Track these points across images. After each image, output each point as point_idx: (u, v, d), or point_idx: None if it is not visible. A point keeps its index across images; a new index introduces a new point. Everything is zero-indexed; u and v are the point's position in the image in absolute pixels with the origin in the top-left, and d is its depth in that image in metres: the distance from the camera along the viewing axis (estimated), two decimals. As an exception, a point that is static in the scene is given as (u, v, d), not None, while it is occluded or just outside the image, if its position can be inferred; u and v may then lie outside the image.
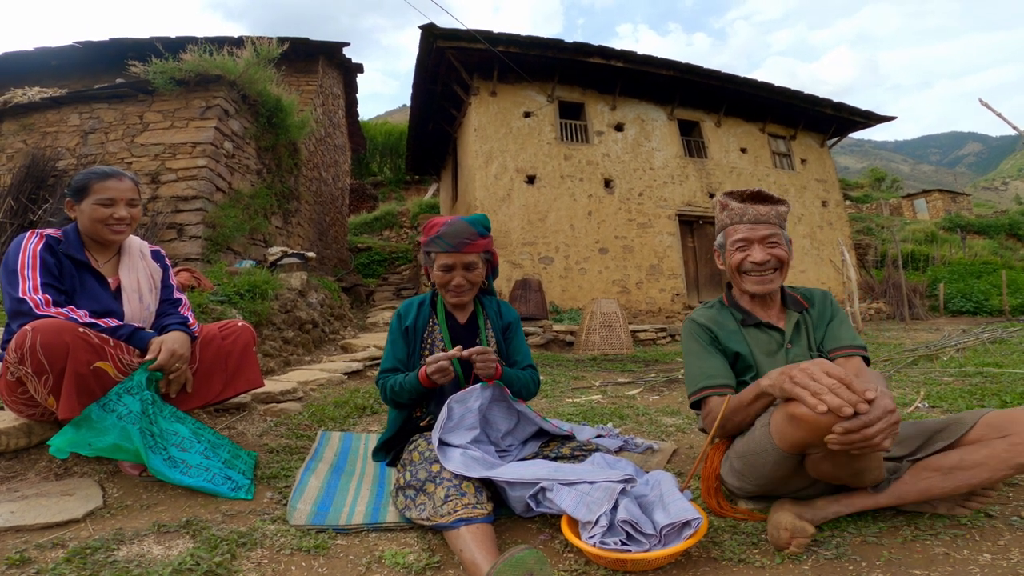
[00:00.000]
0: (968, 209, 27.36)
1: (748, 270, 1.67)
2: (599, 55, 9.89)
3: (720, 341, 1.70)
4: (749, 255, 1.65)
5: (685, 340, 1.77)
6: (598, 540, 1.31)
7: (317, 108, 9.75)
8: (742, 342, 1.70)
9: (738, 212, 1.67)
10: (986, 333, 6.10)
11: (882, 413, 1.11)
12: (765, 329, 1.72)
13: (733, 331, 1.72)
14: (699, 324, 1.74)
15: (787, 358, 1.66)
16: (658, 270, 10.49)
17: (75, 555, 1.29)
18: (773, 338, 1.72)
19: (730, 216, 1.69)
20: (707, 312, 1.79)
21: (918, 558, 1.31)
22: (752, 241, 1.65)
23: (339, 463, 2.10)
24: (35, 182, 5.66)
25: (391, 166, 22.87)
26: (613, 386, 4.20)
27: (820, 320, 1.74)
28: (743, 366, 1.69)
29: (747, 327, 1.73)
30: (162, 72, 5.84)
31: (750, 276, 1.67)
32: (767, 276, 1.66)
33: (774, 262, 1.65)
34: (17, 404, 1.76)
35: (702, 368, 1.67)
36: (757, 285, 1.67)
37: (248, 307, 4.31)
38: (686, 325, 1.78)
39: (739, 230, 1.66)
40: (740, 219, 1.67)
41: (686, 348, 1.76)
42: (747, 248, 1.66)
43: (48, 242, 1.81)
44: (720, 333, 1.71)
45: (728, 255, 1.72)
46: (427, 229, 1.90)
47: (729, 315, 1.76)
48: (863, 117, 13.03)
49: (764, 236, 1.64)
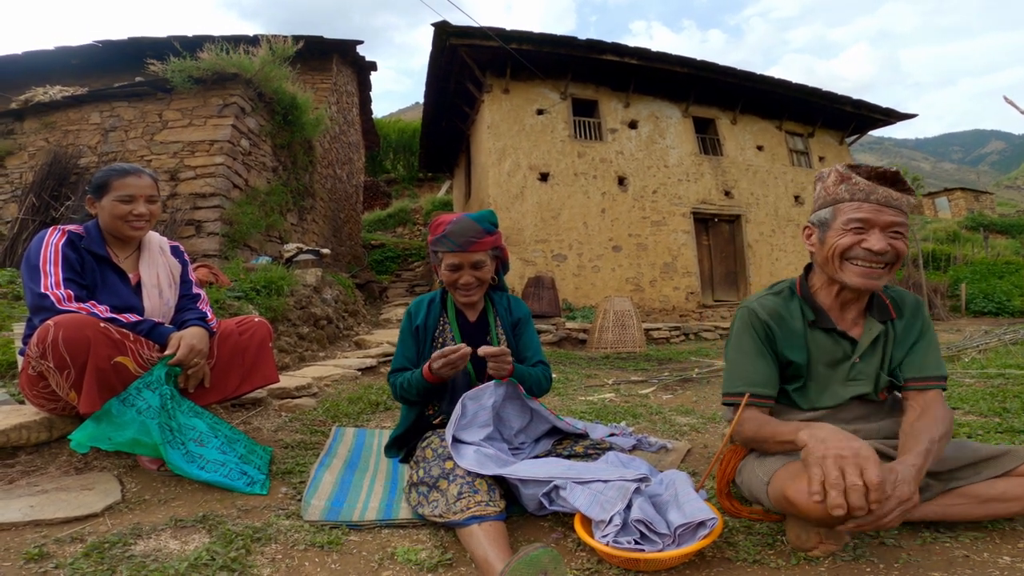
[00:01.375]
0: (991, 208, 26.83)
1: (857, 257, 1.39)
2: (612, 52, 9.82)
3: (777, 343, 1.50)
4: (865, 240, 1.37)
5: (738, 330, 1.54)
6: (611, 539, 1.30)
7: (331, 106, 9.81)
8: (802, 348, 1.49)
9: (863, 189, 1.37)
10: (1008, 334, 5.98)
11: (895, 505, 1.07)
12: (835, 336, 1.50)
13: (797, 333, 1.50)
14: (759, 319, 1.50)
15: (850, 373, 1.49)
16: (672, 268, 10.42)
17: (93, 549, 1.31)
18: (841, 347, 1.50)
19: (850, 190, 1.39)
20: (771, 302, 1.54)
21: (937, 560, 1.29)
22: (874, 225, 1.36)
23: (353, 459, 2.11)
24: (57, 179, 5.77)
25: (404, 163, 22.94)
26: (626, 384, 4.18)
27: (905, 337, 1.51)
28: (793, 374, 1.51)
29: (814, 329, 1.51)
30: (180, 71, 5.91)
31: (855, 266, 1.39)
32: (876, 270, 1.38)
33: (891, 255, 1.37)
34: (39, 398, 1.79)
35: (746, 369, 1.49)
36: (862, 278, 1.39)
37: (264, 303, 4.36)
38: (744, 312, 1.54)
39: (860, 208, 1.37)
40: (865, 197, 1.37)
41: (736, 339, 1.54)
42: (864, 232, 1.37)
43: (70, 238, 1.84)
44: (780, 333, 1.50)
45: (832, 235, 1.42)
46: (433, 228, 1.88)
47: (798, 309, 1.52)
48: (883, 114, 12.80)
49: (890, 223, 1.36)
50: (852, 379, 1.49)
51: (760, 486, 1.39)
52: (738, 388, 1.49)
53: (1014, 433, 2.27)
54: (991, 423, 2.45)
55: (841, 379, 1.50)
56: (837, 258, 1.42)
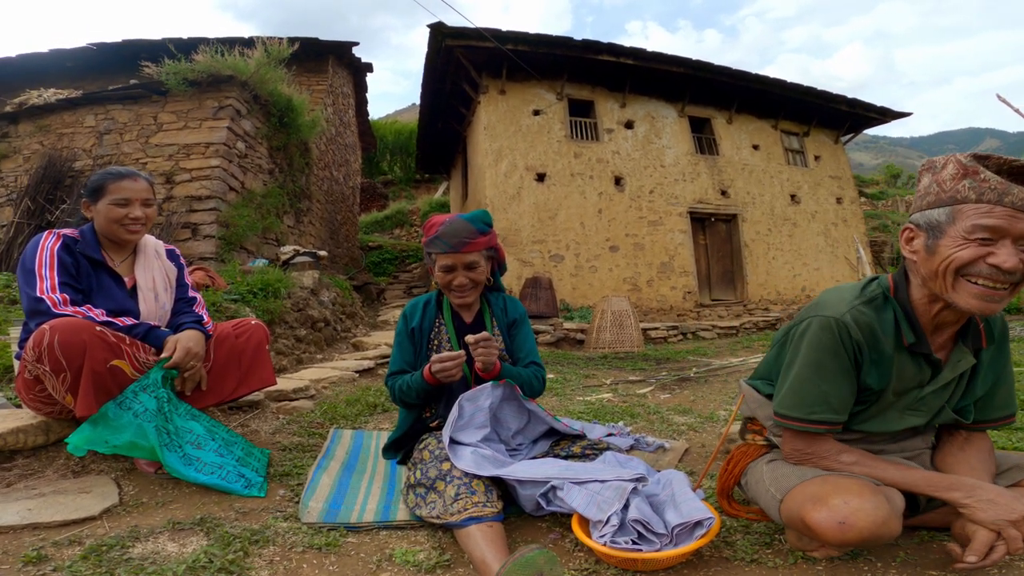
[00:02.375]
0: (985, 205, 26.84)
1: (979, 275, 1.10)
2: (608, 52, 9.83)
3: (862, 366, 1.25)
4: (993, 254, 1.07)
5: (820, 343, 1.24)
6: (609, 539, 1.30)
7: (327, 108, 9.79)
8: (887, 374, 1.25)
9: (995, 189, 1.07)
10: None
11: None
12: (922, 361, 1.26)
13: (886, 357, 1.24)
14: (852, 338, 1.22)
15: (914, 403, 1.30)
16: (669, 268, 10.43)
17: (91, 552, 1.31)
18: (922, 374, 1.27)
19: (977, 190, 1.09)
20: (866, 316, 1.23)
21: (934, 559, 1.30)
22: (1006, 235, 1.07)
23: (351, 461, 2.11)
24: (52, 183, 5.74)
25: (401, 165, 22.91)
26: (624, 384, 4.19)
27: (989, 371, 1.31)
28: (864, 399, 1.29)
29: (902, 351, 1.25)
30: (175, 73, 5.89)
31: (974, 285, 1.11)
32: (999, 292, 1.10)
33: (1021, 274, 1.09)
34: (35, 402, 1.79)
35: (826, 392, 1.24)
36: (980, 301, 1.11)
37: (261, 305, 4.35)
38: (833, 324, 1.23)
39: (992, 213, 1.07)
40: (998, 198, 1.06)
41: (817, 354, 1.25)
42: (992, 243, 1.08)
43: (65, 242, 1.84)
44: (870, 355, 1.24)
45: (947, 243, 1.12)
46: (427, 229, 1.87)
47: (891, 325, 1.24)
48: (878, 113, 12.84)
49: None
50: (914, 409, 1.31)
51: (770, 501, 1.32)
52: (813, 415, 1.25)
53: (1011, 431, 2.28)
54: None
55: (901, 407, 1.31)
56: (951, 273, 1.13)
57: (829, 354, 1.23)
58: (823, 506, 1.13)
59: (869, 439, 1.36)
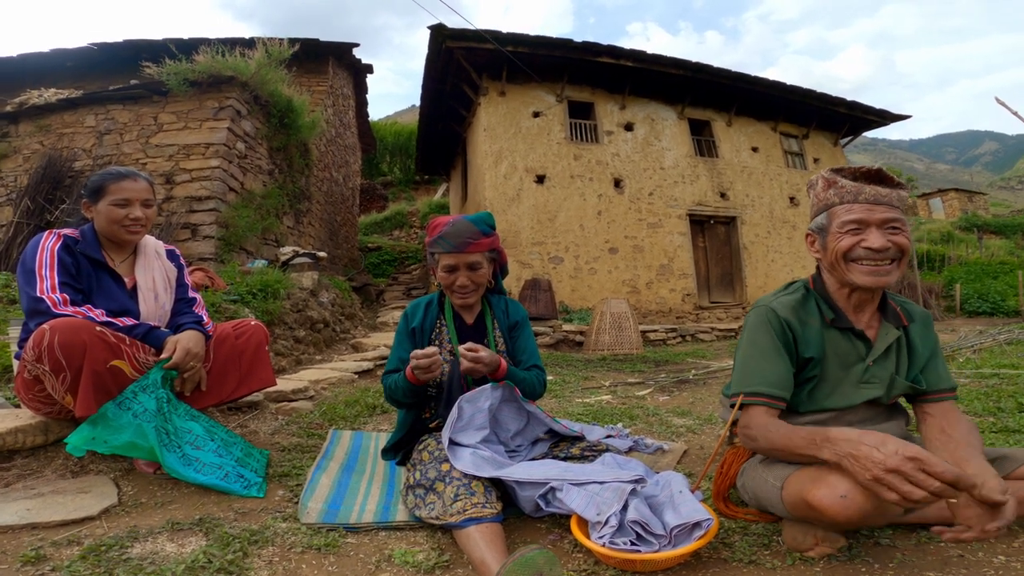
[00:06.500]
0: (985, 208, 26.97)
1: (860, 257, 1.39)
2: (608, 54, 9.84)
3: (797, 343, 1.47)
4: (864, 240, 1.37)
5: (754, 328, 1.50)
6: (608, 540, 1.30)
7: (327, 108, 9.80)
8: (819, 346, 1.47)
9: (851, 191, 1.39)
10: (1003, 334, 6.00)
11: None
12: (851, 336, 1.49)
13: (815, 331, 1.48)
14: (780, 317, 1.47)
15: (863, 376, 1.47)
16: (668, 270, 10.44)
17: (90, 552, 1.31)
18: (856, 349, 1.49)
19: (838, 194, 1.41)
20: (789, 301, 1.51)
21: (932, 560, 1.30)
22: (869, 224, 1.37)
23: (350, 462, 2.11)
24: (52, 183, 5.74)
25: (401, 166, 22.93)
26: (623, 386, 4.19)
27: (922, 347, 1.52)
28: (807, 376, 1.48)
29: (831, 328, 1.49)
30: (175, 73, 5.90)
31: (861, 265, 1.39)
32: (883, 267, 1.38)
33: (894, 251, 1.38)
34: (34, 402, 1.79)
35: (762, 369, 1.44)
36: (870, 276, 1.38)
37: (260, 306, 4.35)
38: (762, 311, 1.50)
39: (852, 210, 1.39)
40: (853, 198, 1.39)
41: (751, 337, 1.50)
42: (861, 231, 1.38)
43: (65, 242, 1.84)
44: (800, 332, 1.47)
45: (832, 239, 1.43)
46: (430, 229, 1.88)
47: (815, 309, 1.51)
48: (877, 116, 12.87)
49: (884, 219, 1.37)
50: (866, 382, 1.47)
51: (772, 491, 1.36)
52: (753, 388, 1.43)
53: (1008, 432, 2.29)
54: (986, 423, 2.47)
55: (854, 381, 1.47)
56: (841, 260, 1.42)
57: (761, 333, 1.48)
58: (823, 484, 1.17)
59: (840, 417, 1.48)
